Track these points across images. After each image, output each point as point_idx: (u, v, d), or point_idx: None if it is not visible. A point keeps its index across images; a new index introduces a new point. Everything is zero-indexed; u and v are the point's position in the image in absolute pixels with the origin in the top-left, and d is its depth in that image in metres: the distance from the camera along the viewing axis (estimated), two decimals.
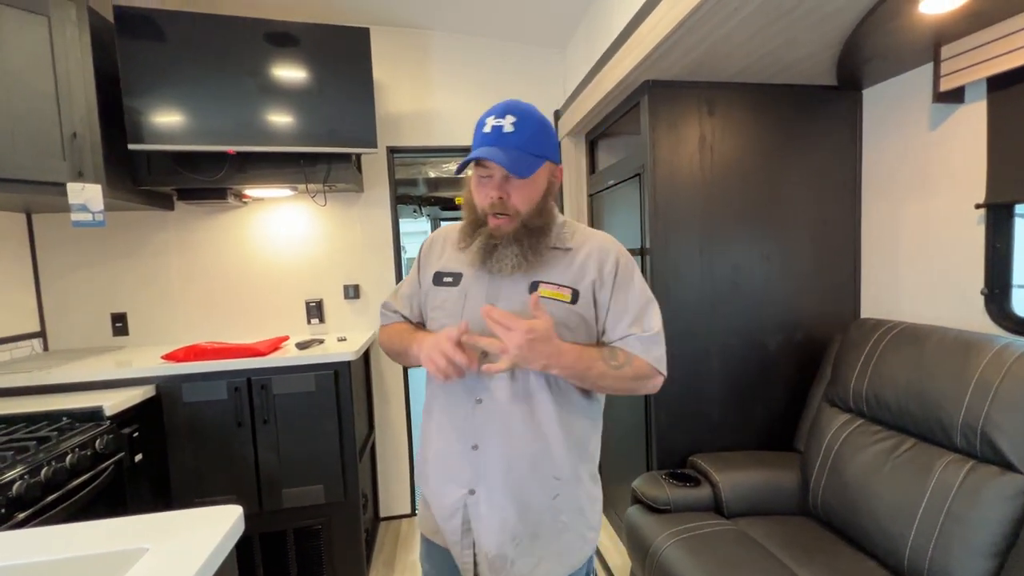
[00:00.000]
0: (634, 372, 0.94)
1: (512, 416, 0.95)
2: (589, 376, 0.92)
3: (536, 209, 0.95)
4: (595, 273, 0.96)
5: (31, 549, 0.73)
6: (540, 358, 0.88)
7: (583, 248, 0.99)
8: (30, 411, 1.51)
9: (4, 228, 2.03)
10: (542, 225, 0.96)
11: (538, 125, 0.94)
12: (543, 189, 0.96)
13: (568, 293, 0.95)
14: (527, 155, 0.91)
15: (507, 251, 0.93)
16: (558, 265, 0.97)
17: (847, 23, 1.35)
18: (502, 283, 0.96)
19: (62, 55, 1.64)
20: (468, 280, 1.00)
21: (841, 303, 1.86)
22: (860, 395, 1.48)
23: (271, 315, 2.36)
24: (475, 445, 0.97)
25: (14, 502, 1.15)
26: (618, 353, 0.95)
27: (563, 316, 0.94)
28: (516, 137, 0.91)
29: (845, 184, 1.83)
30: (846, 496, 1.40)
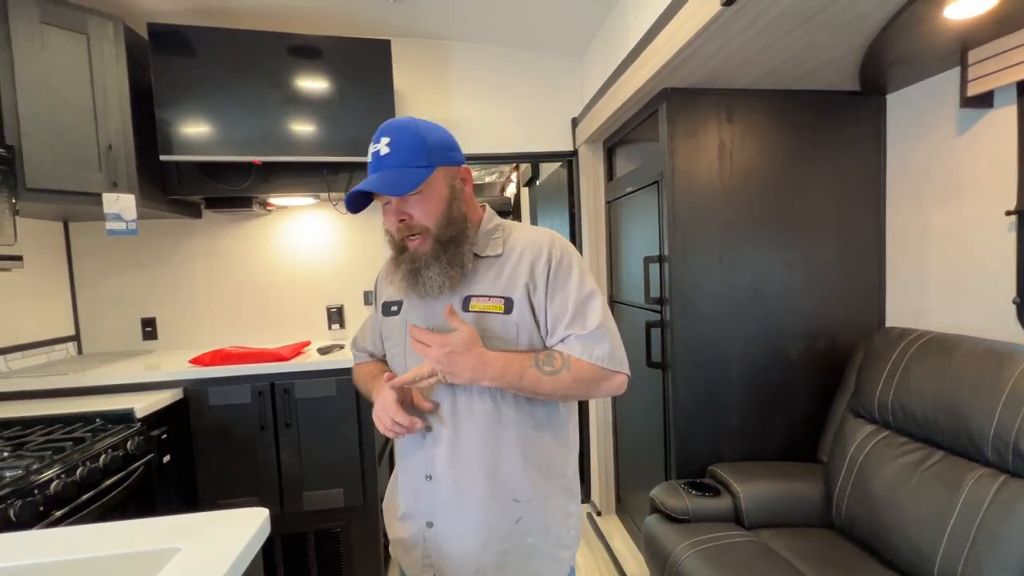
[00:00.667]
0: (574, 376, 0.88)
1: (461, 442, 0.92)
2: (523, 385, 0.87)
3: (444, 220, 0.90)
4: (527, 276, 0.91)
5: (71, 547, 0.76)
6: (463, 370, 0.85)
7: (514, 252, 0.94)
8: (66, 412, 1.57)
9: (43, 237, 2.12)
10: (456, 234, 0.91)
11: (413, 137, 0.88)
12: (445, 196, 0.91)
13: (500, 303, 0.91)
14: (407, 170, 0.87)
15: (429, 272, 0.90)
16: (488, 275, 0.93)
17: (871, 28, 1.34)
18: (436, 304, 0.93)
19: (99, 71, 1.72)
20: (407, 307, 0.99)
21: (865, 311, 1.82)
22: (886, 406, 1.45)
23: (293, 321, 2.42)
24: (428, 475, 0.95)
25: (52, 500, 1.19)
26: (555, 357, 0.89)
27: (500, 328, 0.90)
28: (393, 157, 0.87)
29: (869, 190, 1.80)
30: (872, 509, 1.37)
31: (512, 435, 0.92)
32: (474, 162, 2.59)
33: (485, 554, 0.92)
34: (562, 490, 0.98)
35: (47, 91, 1.60)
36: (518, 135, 2.50)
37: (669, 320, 1.76)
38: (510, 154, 2.53)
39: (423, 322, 0.95)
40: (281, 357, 1.93)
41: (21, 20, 1.55)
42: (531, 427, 0.93)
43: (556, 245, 0.93)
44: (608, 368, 0.90)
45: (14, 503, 1.10)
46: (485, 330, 0.90)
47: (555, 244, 0.94)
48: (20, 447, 1.33)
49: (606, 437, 2.55)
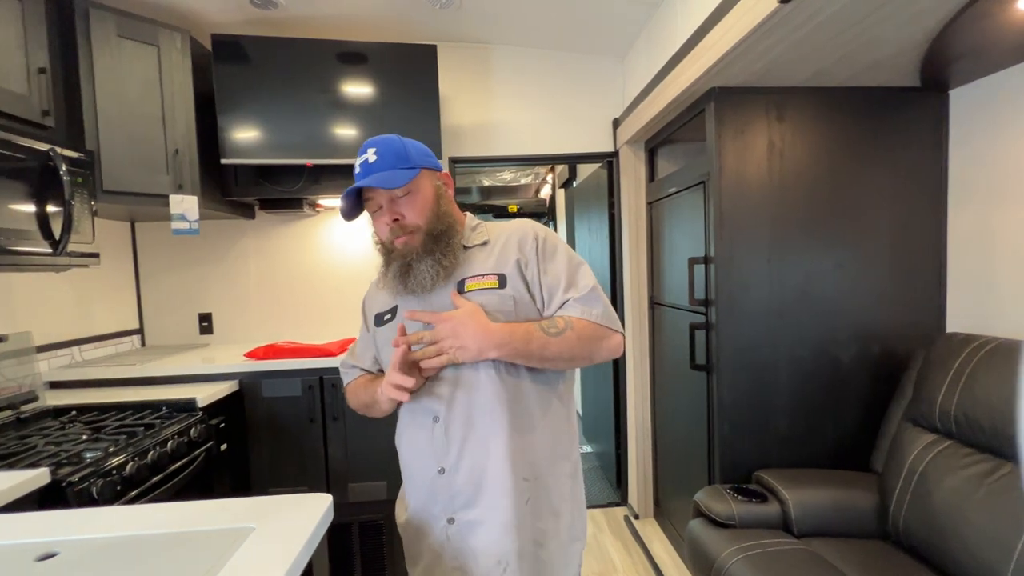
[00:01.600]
0: (578, 333, 0.91)
1: (471, 434, 0.93)
2: (531, 350, 0.90)
3: (433, 216, 0.96)
4: (516, 253, 0.96)
5: (155, 522, 0.82)
6: (470, 340, 0.88)
7: (501, 237, 1.00)
8: (136, 400, 1.67)
9: (113, 236, 2.27)
10: (446, 227, 0.96)
11: (398, 146, 0.96)
12: (432, 196, 0.97)
13: (494, 279, 0.95)
14: (396, 171, 0.93)
15: (422, 265, 0.94)
16: (478, 258, 0.98)
17: (935, 23, 1.29)
18: (432, 299, 0.96)
19: (168, 80, 1.83)
20: (402, 309, 1.00)
21: (923, 316, 1.75)
22: (948, 415, 1.39)
23: (338, 317, 2.50)
24: (441, 468, 0.95)
25: (126, 481, 1.28)
26: (557, 320, 0.93)
27: (497, 303, 0.94)
28: (381, 162, 0.94)
29: (928, 189, 1.73)
30: (933, 522, 1.32)
31: (520, 408, 0.94)
32: (514, 163, 2.61)
33: (506, 541, 0.93)
34: (568, 474, 0.99)
35: (123, 100, 1.72)
36: (558, 136, 2.51)
37: (714, 322, 1.74)
38: (549, 155, 2.55)
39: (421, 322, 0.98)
40: (329, 352, 2.00)
41: (101, 34, 1.66)
42: (537, 406, 0.96)
43: (539, 228, 1.00)
44: (606, 326, 0.94)
45: (96, 482, 1.19)
46: (484, 305, 0.93)
47: (537, 227, 1.00)
48: (98, 431, 1.43)
49: (644, 439, 2.52)
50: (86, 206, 1.55)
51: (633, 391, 2.53)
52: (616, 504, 2.77)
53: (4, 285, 1.71)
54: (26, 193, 1.38)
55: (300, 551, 0.72)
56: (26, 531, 0.80)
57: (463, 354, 0.90)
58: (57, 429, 1.46)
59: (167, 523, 0.82)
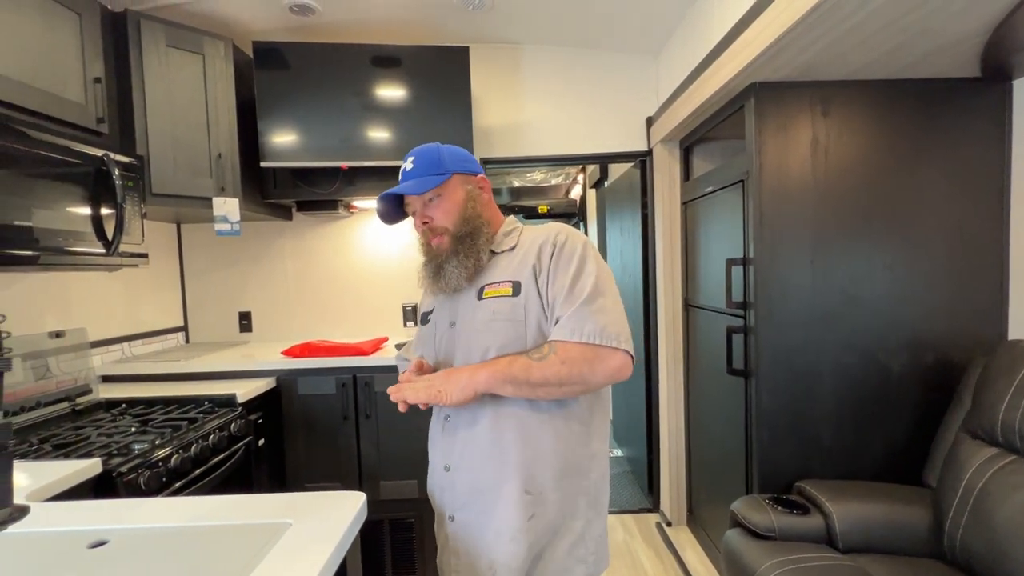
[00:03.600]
0: (562, 357, 0.87)
1: (476, 431, 0.95)
2: (514, 373, 0.88)
3: (460, 219, 0.99)
4: (534, 259, 0.96)
5: (198, 514, 0.85)
6: (455, 384, 0.89)
7: (525, 243, 1.01)
8: (181, 395, 1.74)
9: (161, 237, 2.37)
10: (471, 231, 0.99)
11: (433, 153, 1.01)
12: (462, 200, 1.00)
13: (508, 286, 0.95)
14: (427, 177, 0.98)
15: (449, 266, 0.98)
16: (501, 265, 1.00)
17: (998, 9, 1.21)
18: (459, 300, 1.01)
19: (212, 87, 1.90)
20: (437, 309, 1.06)
21: (982, 322, 1.64)
22: (1012, 428, 1.30)
23: (371, 317, 2.54)
24: (447, 466, 0.98)
25: (171, 473, 1.33)
26: (542, 346, 0.91)
27: (508, 311, 0.94)
28: (415, 170, 1.00)
29: (988, 187, 1.62)
30: (993, 542, 1.23)
31: (526, 421, 0.93)
32: (545, 163, 2.60)
33: (497, 548, 0.93)
34: (582, 492, 0.96)
35: (171, 107, 1.79)
36: (590, 136, 2.48)
37: (753, 325, 1.68)
38: (581, 155, 2.52)
39: (447, 319, 1.02)
40: (362, 351, 2.03)
41: (151, 45, 1.74)
42: (550, 417, 0.94)
43: (563, 232, 0.98)
44: (600, 345, 0.88)
45: (143, 472, 1.24)
46: (496, 314, 0.94)
47: (561, 231, 0.98)
48: (145, 423, 1.50)
49: (678, 444, 2.46)
50: (136, 208, 1.63)
51: (666, 395, 2.47)
52: (648, 510, 2.71)
53: (61, 284, 1.81)
54: (82, 197, 1.46)
55: (335, 548, 0.73)
56: (80, 519, 0.84)
57: (447, 396, 0.91)
58: (109, 421, 1.53)
59: (210, 515, 0.84)
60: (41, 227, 1.32)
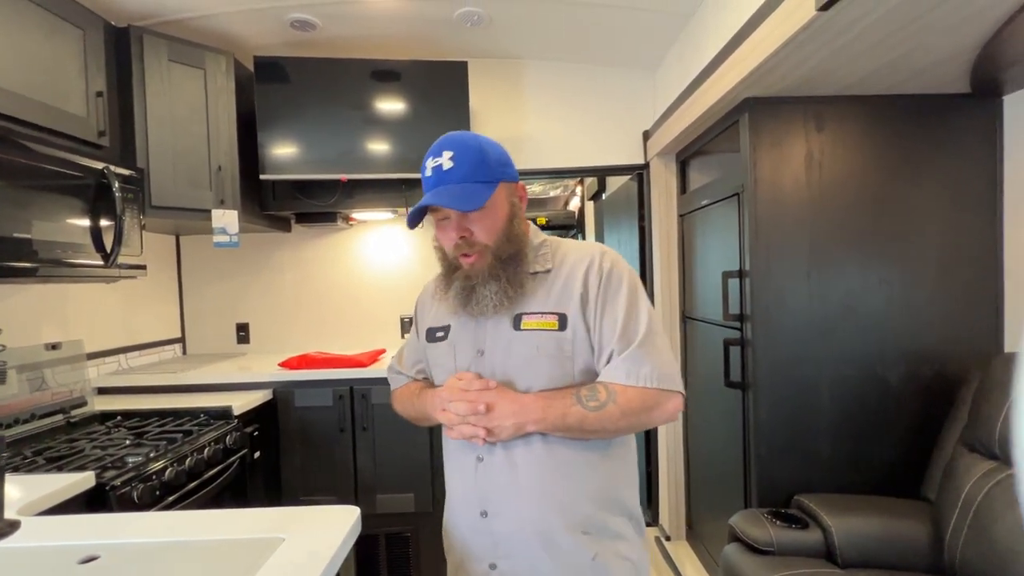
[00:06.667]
0: (622, 408, 0.80)
1: (517, 471, 0.85)
2: (568, 424, 0.81)
3: (504, 237, 0.87)
4: (580, 287, 0.86)
5: (189, 529, 0.84)
6: (505, 417, 0.82)
7: (566, 264, 0.90)
8: (176, 407, 1.73)
9: (160, 249, 2.37)
10: (515, 252, 0.88)
11: (478, 151, 0.86)
12: (506, 214, 0.88)
13: (554, 319, 0.85)
14: (474, 185, 0.84)
15: (486, 291, 0.86)
16: (540, 290, 0.88)
17: (987, 26, 1.23)
18: (487, 325, 0.89)
19: (213, 100, 1.92)
20: (456, 330, 0.94)
21: (978, 335, 1.64)
22: (1008, 441, 1.29)
23: (370, 328, 2.53)
24: (483, 511, 0.87)
25: (165, 486, 1.32)
26: (598, 390, 0.82)
27: (554, 348, 0.84)
28: (457, 171, 0.84)
29: (981, 201, 1.64)
30: (993, 557, 1.22)
31: (572, 459, 0.85)
32: (544, 176, 2.62)
33: None
34: (630, 517, 0.91)
35: (172, 121, 1.81)
36: (588, 149, 2.50)
37: (750, 338, 1.68)
38: (580, 168, 2.54)
39: (472, 344, 0.91)
40: (360, 363, 2.02)
41: (153, 59, 1.76)
42: (594, 449, 0.87)
43: (607, 256, 0.89)
44: (660, 388, 0.82)
45: (137, 486, 1.23)
46: (540, 349, 0.85)
47: (605, 255, 0.90)
48: (140, 436, 1.49)
49: (676, 458, 2.45)
50: (135, 220, 1.64)
51: None
52: (647, 524, 2.69)
53: (59, 295, 1.81)
54: (81, 209, 1.47)
55: (328, 563, 0.72)
56: (71, 534, 0.83)
57: (499, 432, 0.83)
58: (103, 434, 1.52)
59: (202, 530, 0.84)
60: (40, 239, 1.33)
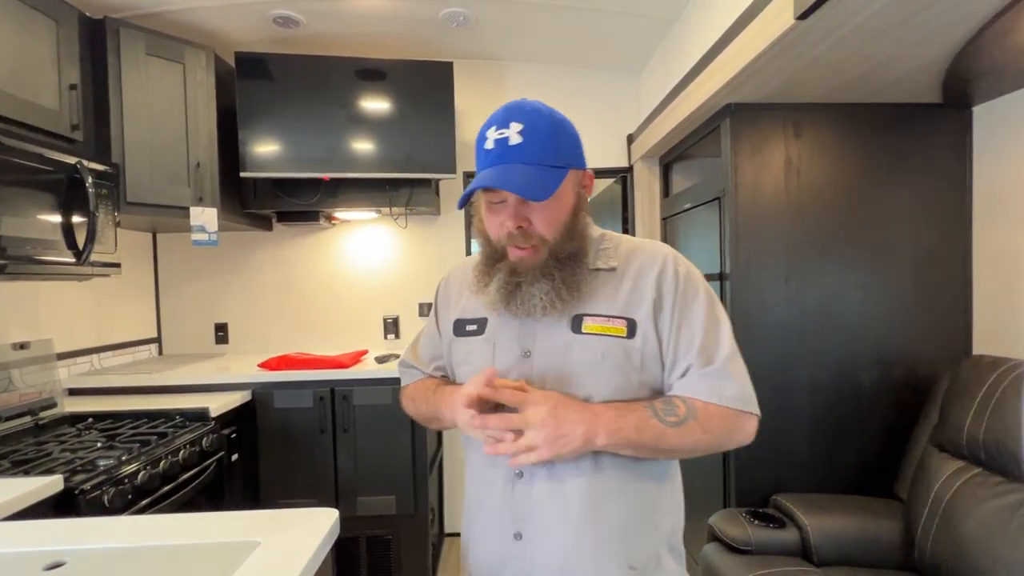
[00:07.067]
0: (704, 426, 0.72)
1: (565, 492, 0.75)
2: (643, 440, 0.71)
3: (566, 231, 0.76)
4: (653, 292, 0.76)
5: (162, 533, 0.82)
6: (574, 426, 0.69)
7: (633, 263, 0.79)
8: (151, 408, 1.69)
9: (136, 246, 2.32)
10: (576, 251, 0.76)
11: (552, 127, 0.74)
12: (571, 204, 0.76)
13: (622, 325, 0.75)
14: (544, 169, 0.72)
15: (534, 289, 0.74)
16: (603, 290, 0.77)
17: (957, 39, 1.27)
18: (536, 324, 0.78)
19: (192, 96, 1.88)
20: (495, 325, 0.82)
21: (949, 338, 1.69)
22: (976, 441, 1.34)
23: (352, 329, 2.51)
24: (518, 533, 0.77)
25: (138, 489, 1.29)
26: (676, 404, 0.73)
27: (620, 357, 0.74)
28: (526, 149, 0.71)
29: (952, 209, 1.69)
30: (961, 553, 1.26)
31: (628, 485, 0.76)
32: None
33: None
34: (674, 551, 0.82)
35: (149, 115, 1.77)
36: None
37: None
38: None
39: (516, 343, 0.79)
40: (342, 364, 2.00)
41: (130, 53, 1.72)
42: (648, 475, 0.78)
43: (680, 260, 0.80)
44: (741, 410, 0.74)
45: (108, 490, 1.20)
46: (605, 357, 0.74)
47: (678, 259, 0.80)
48: (112, 438, 1.45)
49: None
50: (110, 217, 1.60)
51: None
52: None
53: (29, 293, 1.76)
54: (53, 204, 1.43)
55: (304, 567, 0.71)
56: (36, 539, 0.81)
57: (567, 445, 0.69)
58: (73, 436, 1.48)
59: (174, 535, 0.82)
60: (9, 235, 1.29)
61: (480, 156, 0.76)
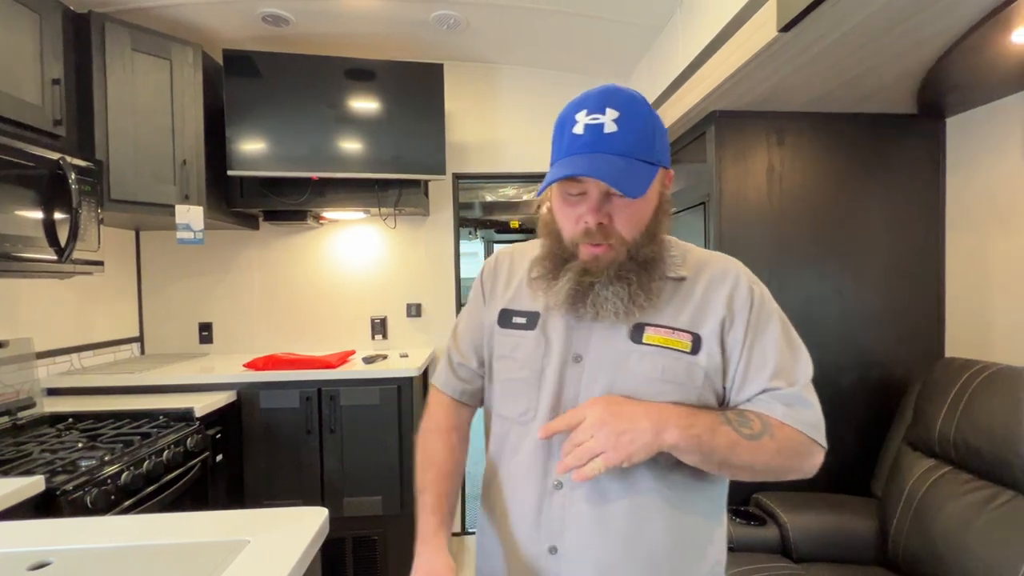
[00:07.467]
0: (779, 445, 0.66)
1: (608, 509, 0.69)
2: (716, 444, 0.65)
3: (647, 233, 0.70)
4: (723, 309, 0.71)
5: (150, 533, 0.82)
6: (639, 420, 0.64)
7: (702, 275, 0.74)
8: (134, 408, 1.67)
9: (118, 244, 2.28)
10: (654, 255, 0.71)
11: (648, 121, 0.68)
12: (655, 205, 0.71)
13: (687, 340, 0.70)
14: (637, 163, 0.66)
15: (607, 292, 0.69)
16: (671, 300, 0.72)
17: (931, 53, 1.32)
18: (592, 328, 0.72)
19: (179, 93, 1.86)
20: (546, 322, 0.76)
21: (922, 341, 1.75)
22: (947, 440, 1.39)
23: (339, 330, 2.50)
24: (553, 547, 0.71)
25: (121, 490, 1.27)
26: (749, 417, 0.68)
27: (681, 374, 0.69)
28: (621, 139, 0.65)
29: (926, 216, 1.75)
30: (932, 548, 1.30)
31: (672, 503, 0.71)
32: (518, 180, 2.64)
33: None
34: None
35: (134, 112, 1.75)
36: None
37: None
38: None
39: (565, 345, 0.74)
40: (329, 364, 1.99)
41: (115, 48, 1.70)
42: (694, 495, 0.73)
43: (751, 277, 0.75)
44: (816, 440, 0.69)
45: (90, 491, 1.18)
46: (665, 372, 0.69)
47: (750, 275, 0.75)
48: (94, 439, 1.43)
49: None
50: (93, 214, 1.57)
51: None
52: None
53: (8, 291, 1.72)
54: (34, 200, 1.40)
55: (294, 566, 0.72)
56: (19, 539, 0.80)
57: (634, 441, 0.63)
58: (53, 436, 1.45)
59: (162, 534, 0.81)
60: None
61: (564, 140, 0.69)
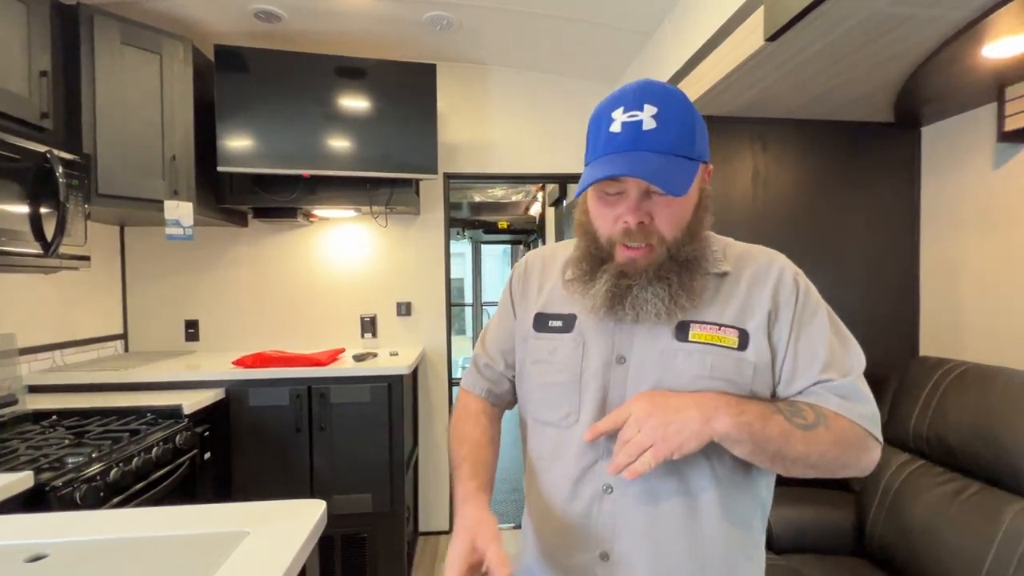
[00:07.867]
0: (835, 435, 0.64)
1: (660, 510, 0.67)
2: (768, 434, 0.62)
3: (688, 232, 0.68)
4: (769, 303, 0.69)
5: (149, 525, 0.82)
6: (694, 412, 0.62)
7: (745, 270, 0.72)
8: (121, 405, 1.65)
9: (102, 240, 2.24)
10: (696, 254, 0.68)
11: (690, 113, 0.66)
12: (695, 202, 0.69)
13: (734, 335, 0.68)
14: (679, 160, 0.63)
15: (647, 293, 0.66)
16: (715, 297, 0.70)
17: (908, 65, 1.38)
18: (635, 328, 0.70)
19: (169, 87, 1.85)
20: (584, 323, 0.73)
21: (898, 341, 1.82)
22: (921, 435, 1.45)
23: (328, 328, 2.49)
24: (604, 553, 0.69)
25: (110, 487, 1.26)
26: (802, 408, 0.65)
27: (731, 371, 0.67)
28: (662, 136, 0.63)
29: (902, 221, 1.82)
30: (907, 539, 1.36)
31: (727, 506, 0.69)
32: (507, 181, 2.67)
33: None
34: None
35: (123, 106, 1.73)
36: (550, 156, 2.57)
37: None
38: (542, 174, 2.61)
39: (608, 347, 0.71)
40: (319, 362, 1.99)
41: (104, 41, 1.68)
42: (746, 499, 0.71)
43: (797, 272, 0.73)
44: (872, 433, 0.67)
45: (79, 487, 1.17)
46: (714, 370, 0.67)
47: (793, 267, 0.73)
48: (81, 436, 1.41)
49: None
50: (79, 209, 1.55)
51: None
52: None
53: None
54: (20, 194, 1.38)
55: (295, 556, 0.73)
56: (15, 532, 0.79)
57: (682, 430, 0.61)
58: (38, 433, 1.43)
59: (160, 526, 0.82)
60: None
61: (600, 139, 0.67)
